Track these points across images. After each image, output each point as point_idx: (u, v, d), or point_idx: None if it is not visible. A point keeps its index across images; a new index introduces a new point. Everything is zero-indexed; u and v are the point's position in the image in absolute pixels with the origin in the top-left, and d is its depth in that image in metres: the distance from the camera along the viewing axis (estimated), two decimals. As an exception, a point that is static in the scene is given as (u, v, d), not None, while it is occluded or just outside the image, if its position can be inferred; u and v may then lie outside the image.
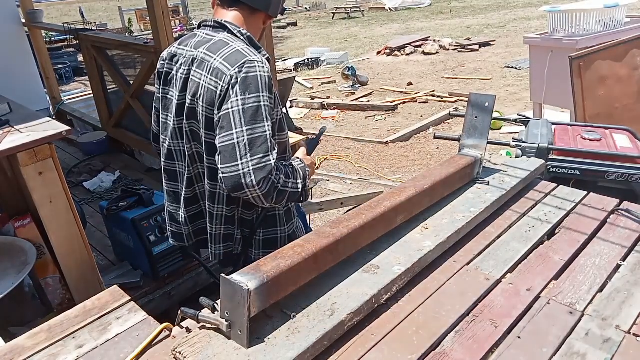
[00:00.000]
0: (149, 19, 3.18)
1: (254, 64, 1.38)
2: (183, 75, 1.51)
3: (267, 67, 1.42)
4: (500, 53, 10.06)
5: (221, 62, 1.41)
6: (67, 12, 25.18)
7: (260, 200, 1.38)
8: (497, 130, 5.67)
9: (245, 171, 1.33)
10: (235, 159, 1.34)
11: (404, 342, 1.15)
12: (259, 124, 1.36)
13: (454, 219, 1.59)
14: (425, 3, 19.87)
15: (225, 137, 1.36)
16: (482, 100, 1.81)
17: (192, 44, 1.52)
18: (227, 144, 1.35)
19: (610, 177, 2.25)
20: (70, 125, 4.12)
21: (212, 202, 1.57)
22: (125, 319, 1.32)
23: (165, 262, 2.48)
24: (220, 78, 1.39)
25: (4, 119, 2.04)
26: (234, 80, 1.37)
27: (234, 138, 1.35)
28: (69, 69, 11.04)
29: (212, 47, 1.46)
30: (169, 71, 1.58)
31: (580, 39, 4.07)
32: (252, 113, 1.36)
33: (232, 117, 1.35)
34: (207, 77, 1.43)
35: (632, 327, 1.18)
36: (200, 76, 1.45)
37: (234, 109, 1.36)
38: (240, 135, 1.34)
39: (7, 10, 4.80)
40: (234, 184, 1.35)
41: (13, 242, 2.05)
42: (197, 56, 1.47)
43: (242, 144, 1.34)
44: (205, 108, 1.44)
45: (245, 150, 1.33)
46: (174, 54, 1.57)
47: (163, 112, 1.62)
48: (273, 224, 1.63)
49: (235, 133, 1.35)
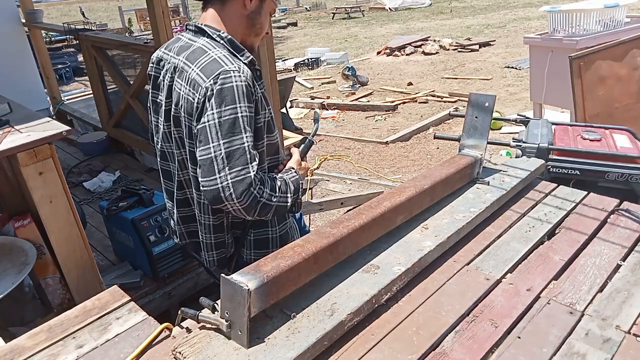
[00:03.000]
0: (149, 19, 3.18)
1: (230, 74, 1.34)
2: (168, 82, 1.49)
3: (244, 75, 1.36)
4: (500, 53, 10.06)
5: (197, 72, 1.38)
6: (67, 12, 25.18)
7: (242, 213, 1.36)
8: (497, 130, 5.67)
9: (224, 185, 1.32)
10: (214, 172, 1.32)
11: (404, 342, 1.15)
12: (237, 136, 1.33)
13: (454, 219, 1.59)
14: (425, 3, 19.88)
15: (203, 151, 1.35)
16: (482, 100, 1.81)
17: (175, 49, 1.50)
18: (206, 158, 1.34)
19: (610, 177, 2.25)
20: (70, 125, 4.12)
21: (199, 211, 1.57)
22: (125, 319, 1.32)
23: (165, 262, 2.48)
24: (197, 90, 1.36)
25: (4, 119, 2.04)
26: (209, 92, 1.34)
27: (212, 152, 1.33)
28: (69, 69, 11.05)
29: (190, 55, 1.43)
30: (157, 75, 1.56)
31: (580, 39, 4.07)
32: (229, 126, 1.33)
33: (208, 130, 1.33)
34: (185, 88, 1.40)
35: (632, 327, 1.18)
36: (180, 86, 1.43)
37: (210, 122, 1.33)
38: (218, 149, 1.32)
39: (7, 10, 4.81)
40: (214, 197, 1.34)
41: (13, 242, 2.05)
42: (178, 65, 1.45)
43: (220, 158, 1.32)
44: (186, 118, 1.42)
45: (223, 163, 1.32)
46: (160, 58, 1.55)
47: (154, 115, 1.61)
48: (264, 224, 1.60)
49: (213, 147, 1.33)
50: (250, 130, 1.36)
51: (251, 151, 1.35)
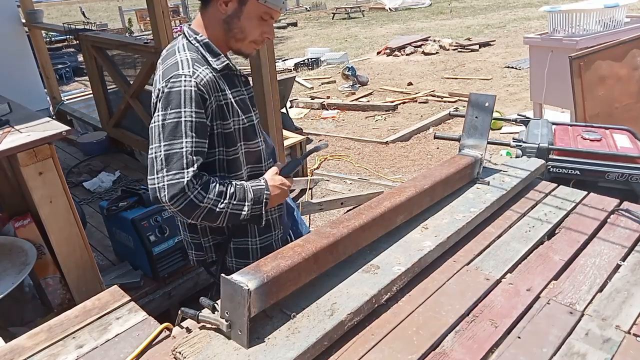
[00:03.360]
0: (149, 19, 3.18)
1: (180, 78, 1.35)
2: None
3: (195, 80, 1.35)
4: (500, 53, 10.06)
5: (160, 73, 1.42)
6: (67, 12, 25.18)
7: (180, 215, 1.36)
8: (497, 130, 5.67)
9: (159, 186, 1.32)
10: (153, 173, 1.34)
11: (404, 342, 1.15)
12: (177, 140, 1.33)
13: (454, 219, 1.59)
14: (425, 3, 19.86)
15: (149, 151, 1.37)
16: (482, 100, 1.81)
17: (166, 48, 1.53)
18: (149, 158, 1.36)
19: (611, 177, 2.25)
20: (70, 125, 4.13)
21: None
22: (125, 319, 1.32)
23: (165, 262, 2.48)
24: (154, 90, 1.41)
25: (4, 119, 2.04)
26: (160, 94, 1.37)
27: (153, 153, 1.35)
28: (69, 69, 11.05)
29: (165, 56, 1.46)
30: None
31: (580, 39, 4.07)
32: (171, 129, 1.33)
33: (153, 131, 1.36)
34: (153, 87, 1.45)
35: (632, 327, 1.18)
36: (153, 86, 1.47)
37: (155, 124, 1.36)
38: (158, 151, 1.34)
39: (7, 10, 4.81)
40: (154, 198, 1.35)
41: (13, 242, 2.05)
42: (158, 64, 1.49)
43: (159, 159, 1.33)
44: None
45: (161, 165, 1.33)
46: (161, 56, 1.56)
47: None
48: (244, 234, 1.59)
49: (154, 148, 1.35)
50: (193, 135, 1.35)
51: (189, 156, 1.33)
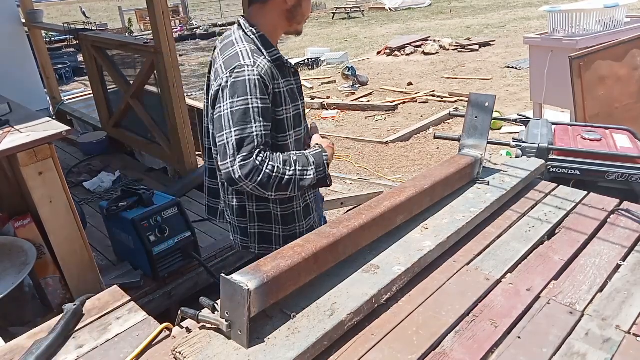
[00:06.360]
0: (149, 19, 3.18)
1: (243, 69, 1.46)
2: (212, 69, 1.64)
3: (257, 70, 1.47)
4: (500, 53, 10.06)
5: (221, 64, 1.52)
6: (67, 12, 25.19)
7: (259, 190, 1.48)
8: (497, 130, 5.67)
9: (233, 168, 1.44)
10: (227, 157, 1.46)
11: (404, 342, 1.15)
12: (247, 125, 1.45)
13: (454, 219, 1.59)
14: (425, 3, 19.86)
15: (219, 138, 1.49)
16: (482, 100, 1.81)
17: (220, 39, 1.65)
18: (221, 144, 1.48)
19: (611, 177, 2.25)
20: (70, 125, 4.13)
21: (223, 192, 1.73)
22: (125, 319, 1.32)
23: (165, 262, 2.48)
24: (217, 80, 1.52)
25: (4, 119, 2.04)
26: (224, 84, 1.48)
27: (225, 139, 1.46)
28: (69, 69, 11.07)
29: (223, 47, 1.57)
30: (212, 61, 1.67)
31: (580, 39, 4.07)
32: (240, 115, 1.45)
33: (222, 119, 1.47)
34: (212, 77, 1.58)
35: (632, 327, 1.18)
36: (210, 76, 1.61)
37: (223, 112, 1.47)
38: (229, 136, 1.45)
39: (7, 10, 4.81)
40: (229, 179, 1.47)
41: (13, 242, 2.05)
42: (214, 56, 1.61)
43: (231, 144, 1.45)
44: (209, 105, 1.60)
45: (233, 149, 1.44)
46: (215, 47, 1.68)
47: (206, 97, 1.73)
48: (291, 221, 1.70)
49: (225, 134, 1.46)
50: (260, 120, 1.47)
51: (259, 139, 1.46)
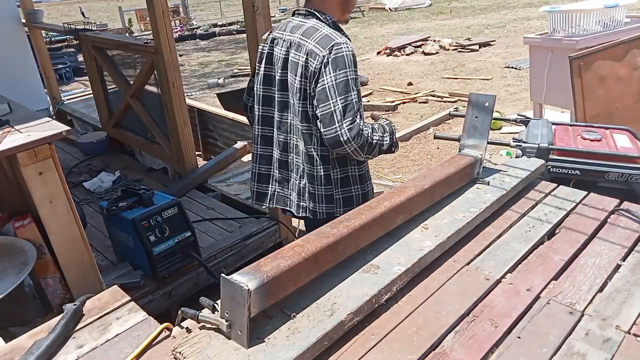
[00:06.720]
0: (149, 19, 3.18)
1: (341, 46, 1.73)
2: (282, 55, 1.85)
3: (350, 46, 1.76)
4: (500, 53, 10.06)
5: (314, 45, 1.75)
6: (67, 12, 25.19)
7: (357, 152, 1.76)
8: (497, 130, 5.66)
9: (342, 131, 1.70)
10: (334, 123, 1.71)
11: (404, 342, 1.15)
12: (349, 94, 1.72)
13: (454, 219, 1.59)
14: (425, 3, 19.84)
15: (324, 107, 1.73)
16: (482, 100, 1.81)
17: (288, 28, 1.86)
18: (326, 112, 1.72)
19: (611, 177, 2.25)
20: (70, 125, 4.12)
21: (312, 165, 1.89)
22: (125, 319, 1.32)
23: (165, 262, 2.48)
24: (315, 58, 1.73)
25: (4, 119, 2.04)
26: (325, 60, 1.72)
27: (331, 107, 1.71)
28: (69, 69, 11.05)
29: (305, 32, 1.79)
30: (271, 52, 1.90)
31: (580, 39, 4.07)
32: (343, 86, 1.71)
33: (327, 91, 1.72)
34: (303, 57, 1.76)
35: (632, 327, 1.18)
36: (298, 57, 1.78)
37: (328, 84, 1.72)
38: (336, 105, 1.71)
39: (7, 10, 4.81)
40: (335, 143, 1.73)
41: (13, 242, 2.05)
42: (294, 40, 1.81)
43: (338, 111, 1.71)
44: (302, 82, 1.78)
45: (340, 115, 1.71)
46: (274, 38, 1.90)
47: (265, 87, 1.94)
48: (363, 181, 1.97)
49: (332, 103, 1.71)
50: (357, 89, 1.75)
51: (357, 105, 1.74)
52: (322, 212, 1.92)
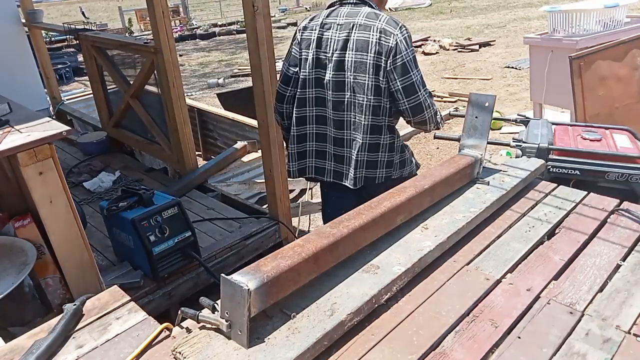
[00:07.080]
0: (149, 19, 3.18)
1: (405, 27, 1.97)
2: (341, 37, 2.00)
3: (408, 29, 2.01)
4: (500, 53, 10.06)
5: (385, 24, 1.94)
6: (67, 12, 25.20)
7: (432, 118, 2.02)
8: (497, 130, 5.66)
9: (423, 99, 1.96)
10: (416, 92, 1.95)
11: (404, 342, 1.15)
12: (419, 68, 1.98)
13: (454, 219, 1.59)
14: (425, 3, 19.84)
15: (406, 78, 1.93)
16: (482, 100, 1.81)
17: (342, 14, 2.02)
18: (408, 83, 1.94)
19: (610, 177, 2.25)
20: (70, 125, 4.13)
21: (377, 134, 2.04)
22: (125, 319, 1.32)
23: (165, 262, 2.48)
24: (389, 36, 1.92)
25: (4, 119, 2.04)
26: (400, 37, 1.92)
27: (412, 78, 1.94)
28: (69, 69, 11.06)
29: (368, 15, 1.98)
30: (320, 36, 2.04)
31: (580, 39, 4.07)
32: (415, 61, 1.97)
33: (407, 64, 1.93)
34: (376, 35, 1.93)
35: (632, 327, 1.18)
36: (368, 35, 1.95)
37: (406, 58, 1.93)
38: (416, 76, 1.95)
39: (7, 10, 4.81)
40: (418, 109, 1.97)
41: (13, 242, 2.05)
42: (357, 22, 1.98)
43: (418, 81, 1.96)
44: (375, 58, 1.94)
45: (422, 83, 1.97)
46: (324, 23, 2.05)
47: (317, 69, 2.07)
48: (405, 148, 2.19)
49: (413, 75, 1.94)
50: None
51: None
52: (382, 177, 2.10)
